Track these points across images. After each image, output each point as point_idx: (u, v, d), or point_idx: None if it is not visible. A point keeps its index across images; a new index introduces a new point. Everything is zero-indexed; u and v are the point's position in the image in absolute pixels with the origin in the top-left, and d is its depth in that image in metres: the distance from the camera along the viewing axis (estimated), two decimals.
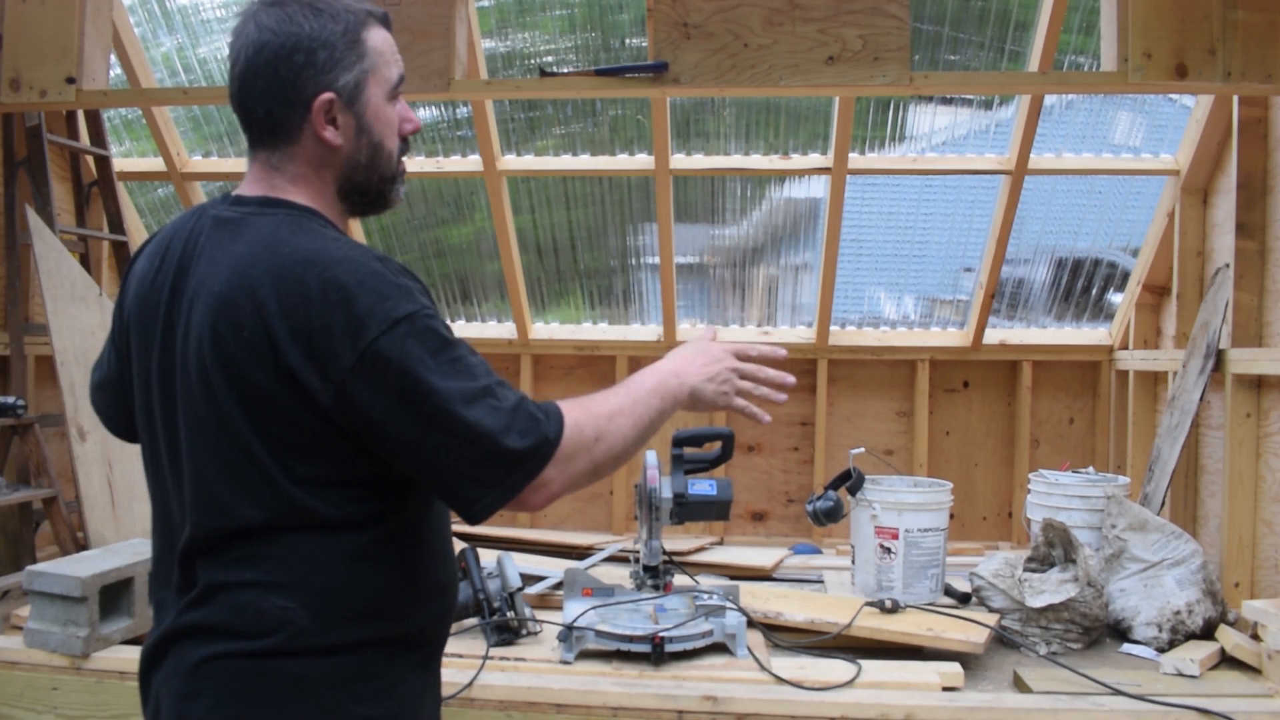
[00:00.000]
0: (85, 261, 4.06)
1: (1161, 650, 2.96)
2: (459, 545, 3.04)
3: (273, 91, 1.29)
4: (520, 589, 2.97)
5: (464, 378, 1.21)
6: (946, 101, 4.28)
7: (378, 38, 1.35)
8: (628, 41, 4.05)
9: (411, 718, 1.32)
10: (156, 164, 4.50)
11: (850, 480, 3.43)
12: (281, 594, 1.22)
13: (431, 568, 1.36)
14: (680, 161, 4.25)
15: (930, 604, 3.25)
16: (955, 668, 2.72)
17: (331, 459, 1.23)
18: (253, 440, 1.22)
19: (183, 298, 1.29)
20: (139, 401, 1.37)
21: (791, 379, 1.55)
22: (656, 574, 2.97)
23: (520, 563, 3.37)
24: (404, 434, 1.20)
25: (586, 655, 2.78)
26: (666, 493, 2.87)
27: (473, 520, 1.25)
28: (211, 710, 1.23)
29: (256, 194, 1.33)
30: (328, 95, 1.29)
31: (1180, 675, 2.75)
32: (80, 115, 4.21)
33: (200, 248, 1.30)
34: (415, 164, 4.38)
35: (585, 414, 1.30)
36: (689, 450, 2.98)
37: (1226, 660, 2.89)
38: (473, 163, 4.32)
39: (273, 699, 1.22)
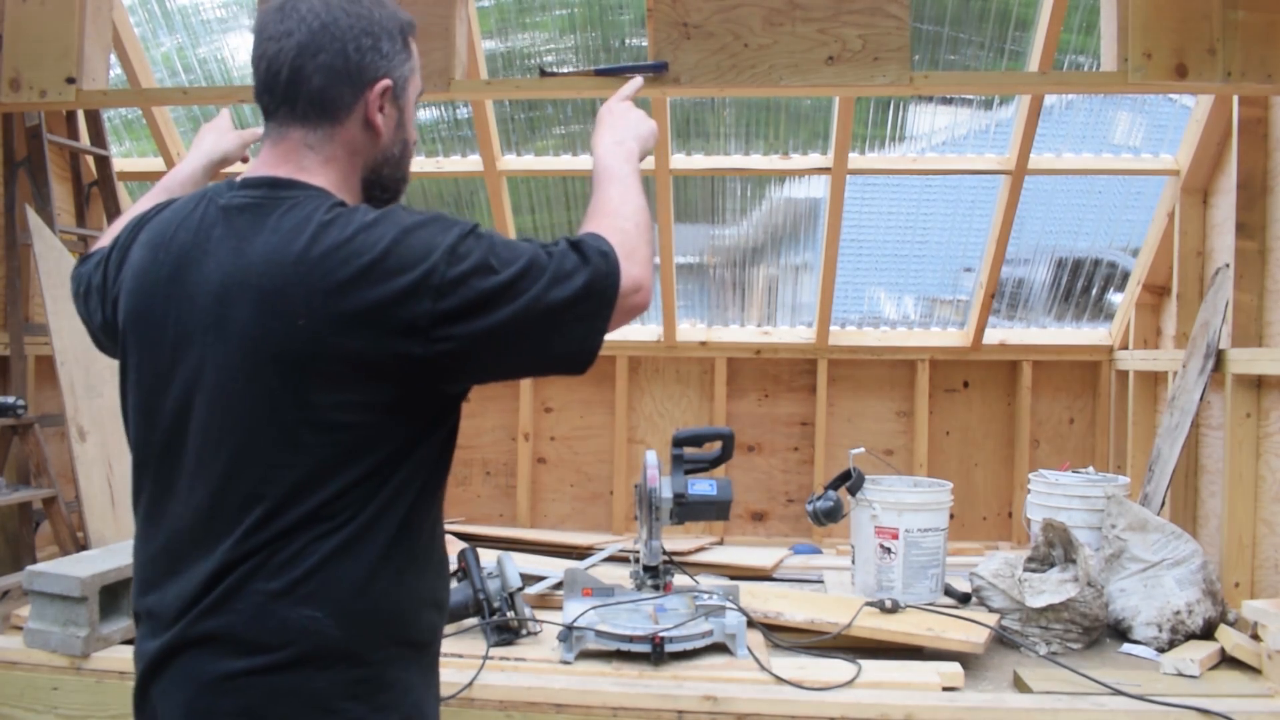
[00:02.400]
0: None
1: (1161, 650, 2.96)
2: (459, 545, 3.04)
3: (335, 66, 1.30)
4: (520, 589, 2.97)
5: (522, 259, 1.24)
6: (946, 101, 4.28)
7: (415, 47, 1.42)
8: (628, 41, 4.05)
9: None
10: (156, 164, 4.50)
11: (850, 480, 3.43)
12: (309, 604, 1.19)
13: (435, 570, 1.36)
14: (680, 161, 4.25)
15: (930, 604, 3.25)
16: (955, 668, 2.72)
17: (383, 446, 1.23)
18: (307, 435, 1.20)
19: (197, 293, 1.25)
20: (134, 400, 1.33)
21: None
22: (656, 574, 2.97)
23: (520, 563, 3.36)
24: (504, 337, 1.23)
25: (586, 655, 2.78)
26: (666, 493, 2.87)
27: (592, 357, 1.28)
28: None
29: (268, 174, 1.31)
30: (388, 81, 1.33)
31: (1180, 675, 2.75)
32: (80, 115, 4.21)
33: (213, 239, 1.26)
34: (415, 164, 4.34)
35: (610, 218, 1.37)
36: (689, 450, 2.99)
37: (1226, 660, 2.89)
38: (473, 163, 4.32)
39: (294, 716, 1.20)
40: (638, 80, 1.80)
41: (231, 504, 1.22)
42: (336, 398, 1.21)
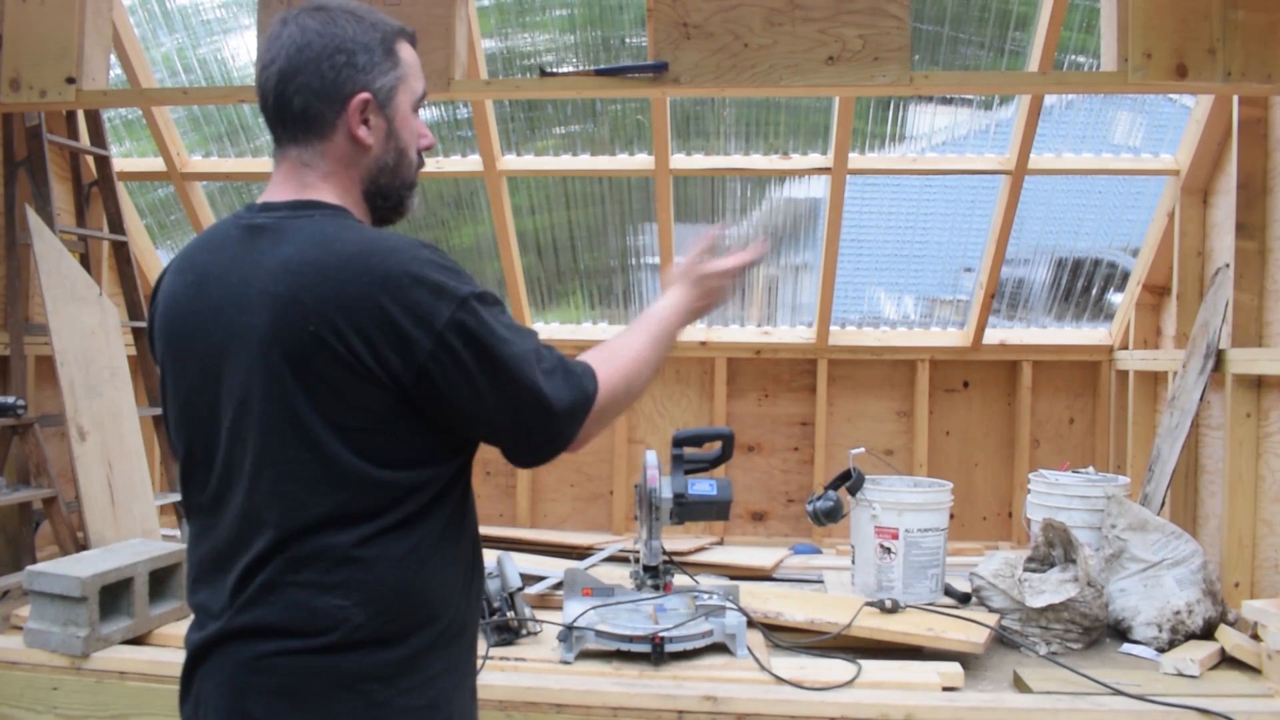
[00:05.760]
0: (85, 261, 4.06)
1: (1161, 650, 2.96)
2: None
3: (313, 86, 1.34)
4: (520, 589, 2.97)
5: (524, 341, 1.32)
6: (946, 101, 4.28)
7: (408, 52, 1.43)
8: (628, 41, 4.05)
9: (448, 707, 1.35)
10: (156, 164, 4.50)
11: (850, 480, 3.43)
12: (336, 593, 1.25)
13: (469, 557, 1.40)
14: (680, 161, 4.25)
15: (930, 604, 3.25)
16: (955, 668, 2.72)
17: (399, 449, 1.28)
18: (324, 435, 1.25)
19: (220, 306, 1.31)
20: (174, 413, 1.39)
21: (753, 252, 1.71)
22: (656, 574, 2.97)
23: (520, 563, 3.37)
24: (482, 400, 1.28)
25: (586, 655, 2.78)
26: (666, 493, 2.87)
27: (530, 464, 1.38)
28: (262, 705, 1.25)
29: (286, 198, 1.37)
30: (365, 95, 1.36)
31: (1180, 675, 2.75)
32: (80, 115, 4.21)
33: (234, 256, 1.33)
34: None
35: (615, 369, 1.42)
36: (689, 450, 2.99)
37: (1226, 660, 2.89)
38: (473, 163, 4.32)
39: (323, 695, 1.25)
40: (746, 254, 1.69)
41: (261, 503, 1.28)
42: (351, 400, 1.25)
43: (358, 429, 1.26)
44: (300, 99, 1.35)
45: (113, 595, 2.86)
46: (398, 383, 1.25)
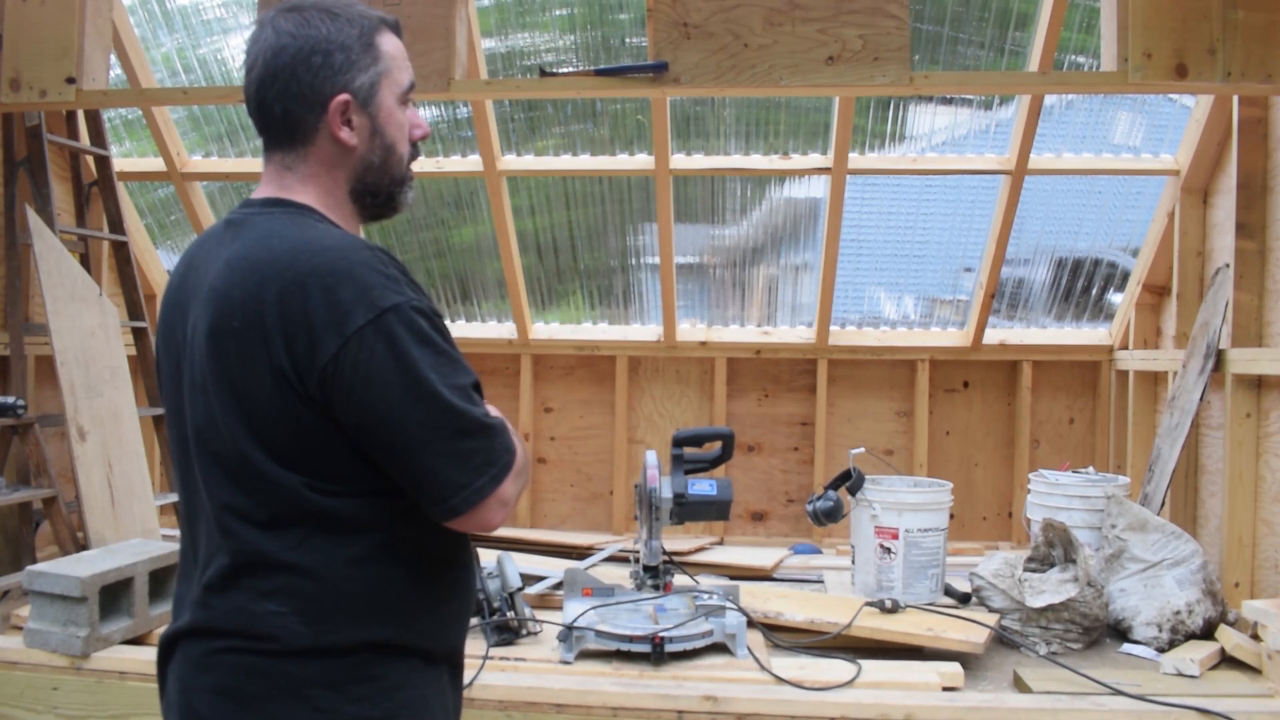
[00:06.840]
0: (85, 261, 4.06)
1: (1161, 650, 2.96)
2: None
3: (291, 91, 1.32)
4: (520, 589, 2.97)
5: (447, 371, 1.24)
6: (946, 101, 4.28)
7: (390, 43, 1.39)
8: (628, 41, 4.05)
9: None
10: (156, 164, 4.50)
11: (850, 480, 3.43)
12: (273, 599, 1.23)
13: (435, 573, 1.34)
14: (680, 161, 4.25)
15: (930, 604, 3.25)
16: (955, 668, 2.72)
17: (323, 456, 1.24)
18: (246, 439, 1.23)
19: (188, 300, 1.32)
20: (164, 402, 1.40)
21: None
22: (656, 574, 2.97)
23: (520, 563, 3.37)
24: (388, 422, 1.21)
25: (586, 655, 2.78)
26: (666, 493, 2.87)
27: (452, 513, 1.25)
28: (208, 703, 1.25)
29: (264, 196, 1.36)
30: (344, 96, 1.33)
31: (1180, 675, 2.75)
32: (80, 115, 4.21)
33: (210, 251, 1.33)
34: (415, 164, 4.36)
35: (519, 439, 1.36)
36: (689, 450, 2.99)
37: (1226, 660, 2.89)
38: (473, 163, 4.32)
39: (266, 696, 1.24)
40: None
41: (212, 501, 1.27)
42: (273, 402, 1.23)
43: (274, 433, 1.22)
44: (280, 106, 1.33)
45: (113, 595, 2.86)
46: (304, 384, 1.20)
